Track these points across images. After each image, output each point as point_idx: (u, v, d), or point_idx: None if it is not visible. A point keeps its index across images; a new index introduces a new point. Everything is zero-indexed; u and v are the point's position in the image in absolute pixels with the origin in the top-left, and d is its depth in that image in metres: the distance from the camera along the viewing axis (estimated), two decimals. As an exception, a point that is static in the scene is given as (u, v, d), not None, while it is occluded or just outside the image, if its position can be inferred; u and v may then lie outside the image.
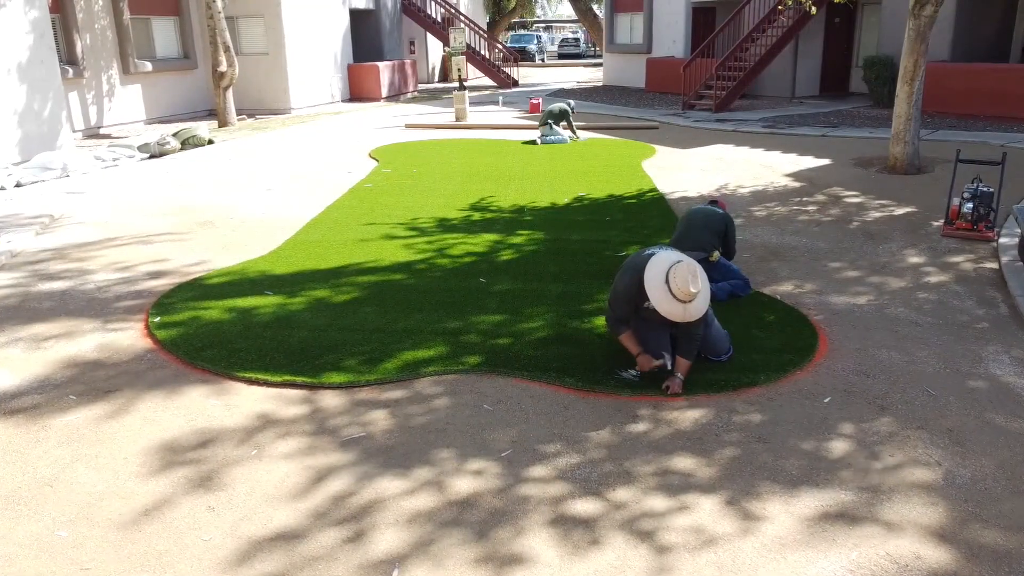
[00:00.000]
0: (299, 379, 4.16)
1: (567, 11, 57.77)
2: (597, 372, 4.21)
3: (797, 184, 9.29)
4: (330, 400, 4.01)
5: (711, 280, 4.79)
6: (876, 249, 6.62)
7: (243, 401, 4.01)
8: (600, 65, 34.28)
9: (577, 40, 47.76)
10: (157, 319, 4.99)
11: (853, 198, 8.49)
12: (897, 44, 15.16)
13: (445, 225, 7.48)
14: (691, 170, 10.29)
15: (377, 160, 11.29)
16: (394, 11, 23.03)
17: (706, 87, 16.72)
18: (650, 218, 7.72)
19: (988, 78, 13.65)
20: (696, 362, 4.18)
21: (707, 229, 5.48)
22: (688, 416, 3.84)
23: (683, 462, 3.44)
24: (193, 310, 5.17)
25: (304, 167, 10.92)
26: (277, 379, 4.17)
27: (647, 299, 3.96)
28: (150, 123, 16.15)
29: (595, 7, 31.27)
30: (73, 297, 5.64)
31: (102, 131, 14.93)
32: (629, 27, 22.61)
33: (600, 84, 24.33)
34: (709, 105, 16.25)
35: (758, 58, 16.05)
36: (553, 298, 5.42)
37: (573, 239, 6.94)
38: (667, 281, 3.87)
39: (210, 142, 12.85)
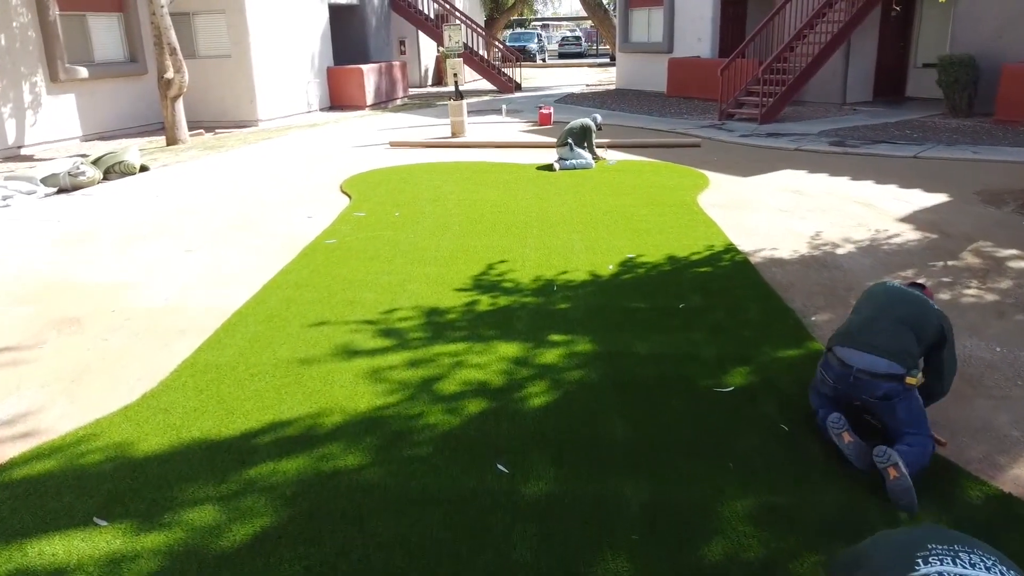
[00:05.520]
0: None
1: (564, 9, 55.16)
2: None
3: (921, 235, 6.73)
4: None
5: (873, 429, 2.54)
6: None
7: None
8: (605, 65, 31.75)
9: (578, 39, 45.42)
10: None
11: (1017, 260, 5.95)
12: (978, 41, 12.65)
13: (436, 323, 4.89)
14: (765, 211, 7.72)
15: (349, 195, 8.70)
16: (381, 7, 20.40)
17: (747, 93, 14.16)
18: (744, 301, 5.15)
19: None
20: None
21: (908, 327, 3.18)
22: None
23: None
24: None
25: (251, 208, 8.31)
26: None
27: None
28: (88, 140, 13.54)
29: (605, 1, 28.65)
30: None
31: (24, 151, 12.31)
32: (646, 23, 20.00)
33: (613, 88, 21.73)
34: (751, 114, 13.67)
35: (811, 59, 13.48)
36: (636, 521, 2.85)
37: (639, 353, 4.38)
38: None
39: (143, 168, 10.23)
